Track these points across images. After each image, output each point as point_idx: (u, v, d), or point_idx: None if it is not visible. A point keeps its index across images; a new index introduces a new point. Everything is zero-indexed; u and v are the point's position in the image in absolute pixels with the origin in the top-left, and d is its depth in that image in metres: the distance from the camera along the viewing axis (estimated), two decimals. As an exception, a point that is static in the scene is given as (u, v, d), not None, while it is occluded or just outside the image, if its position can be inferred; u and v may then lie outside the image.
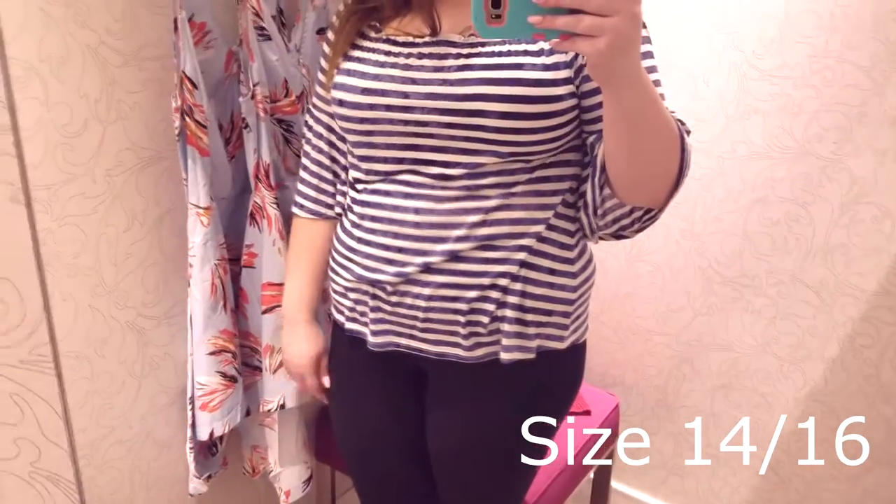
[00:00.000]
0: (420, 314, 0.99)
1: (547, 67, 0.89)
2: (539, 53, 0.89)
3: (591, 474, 1.82)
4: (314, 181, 1.12)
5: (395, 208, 0.97)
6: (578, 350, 1.07)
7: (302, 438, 1.41)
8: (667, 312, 1.77)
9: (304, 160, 1.14)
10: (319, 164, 1.11)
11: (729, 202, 1.60)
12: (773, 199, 1.56)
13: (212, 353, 1.24)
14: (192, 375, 1.24)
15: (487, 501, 1.12)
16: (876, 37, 1.38)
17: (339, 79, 0.98)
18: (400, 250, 0.97)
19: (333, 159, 1.10)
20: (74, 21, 1.10)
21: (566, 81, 0.89)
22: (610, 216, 0.95)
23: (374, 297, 1.01)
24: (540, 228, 0.97)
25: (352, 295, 1.05)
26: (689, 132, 0.90)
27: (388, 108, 0.93)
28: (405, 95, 0.92)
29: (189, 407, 1.25)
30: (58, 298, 1.15)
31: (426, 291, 0.97)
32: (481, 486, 1.09)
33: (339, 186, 1.11)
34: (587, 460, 1.65)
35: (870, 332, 1.51)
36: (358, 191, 1.03)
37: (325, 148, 1.10)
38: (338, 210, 1.11)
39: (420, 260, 0.96)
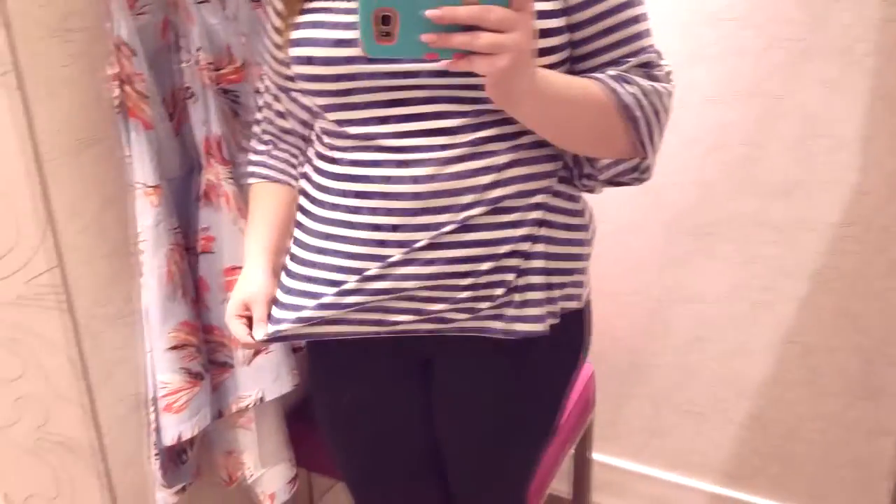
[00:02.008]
0: (422, 293, 0.86)
1: (544, 15, 0.81)
2: None
3: (572, 450, 1.78)
4: (267, 148, 1.03)
5: (387, 179, 0.84)
6: (589, 305, 1.01)
7: (283, 434, 1.30)
8: (632, 271, 1.75)
9: (264, 125, 1.04)
10: (273, 129, 1.02)
11: (684, 152, 1.60)
12: (729, 143, 1.57)
13: (173, 349, 1.12)
14: (152, 374, 1.13)
15: (510, 482, 1.05)
16: (813, -30, 1.40)
17: (300, 33, 0.86)
18: (395, 228, 0.84)
19: (291, 128, 1.01)
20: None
21: (564, 30, 0.83)
22: (599, 169, 0.91)
23: (360, 290, 0.87)
24: (552, 182, 0.89)
25: (326, 290, 0.89)
26: (668, 73, 0.87)
27: (371, 59, 0.82)
28: None
29: (151, 409, 1.13)
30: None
31: (428, 270, 0.85)
32: (505, 468, 1.03)
33: (295, 157, 1.03)
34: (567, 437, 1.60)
35: (836, 265, 1.53)
36: (332, 161, 0.89)
37: (281, 112, 1.00)
38: (298, 181, 1.00)
39: (421, 236, 0.83)
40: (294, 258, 0.93)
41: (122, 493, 1.16)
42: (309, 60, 0.84)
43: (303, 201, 0.94)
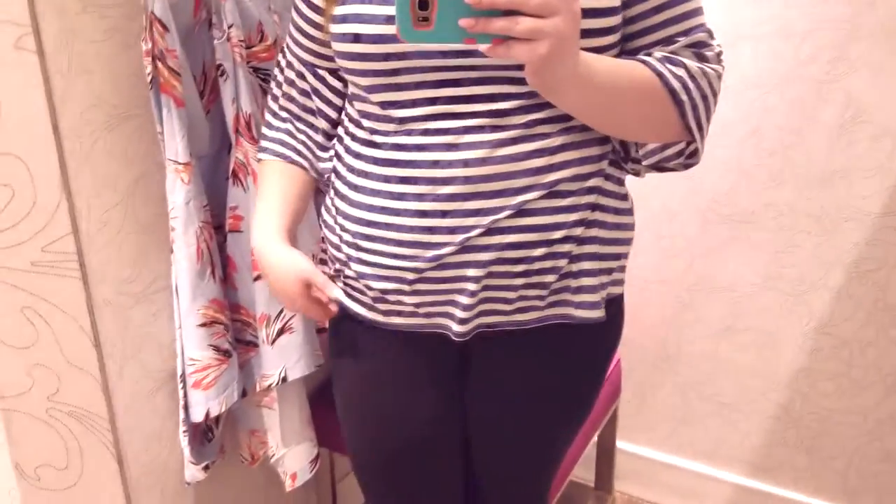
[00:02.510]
0: (472, 286, 0.83)
1: None
2: None
3: (595, 437, 1.76)
4: (286, 126, 0.98)
5: (435, 164, 0.80)
6: (623, 293, 0.99)
7: (305, 415, 1.30)
8: (665, 259, 1.72)
9: (285, 102, 0.99)
10: (304, 107, 0.97)
11: (722, 136, 1.56)
12: (768, 128, 1.52)
13: (203, 325, 1.13)
14: (181, 351, 1.13)
15: (538, 470, 1.04)
16: (863, -50, 1.35)
17: (347, 9, 0.81)
18: (444, 214, 0.80)
19: (314, 111, 0.97)
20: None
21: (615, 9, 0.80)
22: (645, 154, 0.88)
23: (411, 281, 0.84)
24: (604, 165, 0.86)
25: (377, 285, 0.87)
26: (718, 54, 0.84)
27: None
28: None
29: (181, 386, 1.14)
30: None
31: (484, 257, 0.82)
32: (537, 456, 1.01)
33: (325, 146, 0.98)
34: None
35: (876, 255, 1.49)
36: (372, 146, 0.85)
37: (306, 89, 0.96)
38: (325, 175, 0.96)
39: (472, 221, 0.80)
40: (338, 243, 0.91)
41: (136, 469, 1.16)
42: (356, 38, 0.81)
43: (339, 185, 0.91)
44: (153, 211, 1.15)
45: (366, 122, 0.86)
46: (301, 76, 0.97)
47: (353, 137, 0.89)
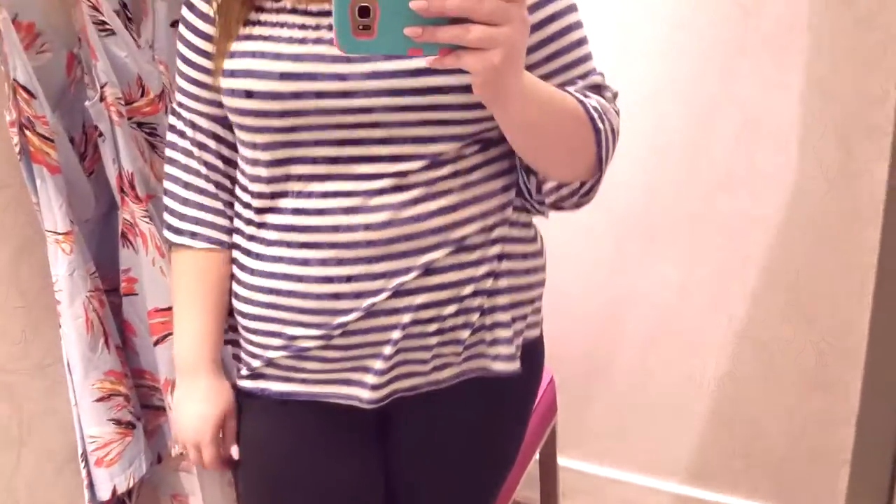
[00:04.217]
0: (387, 349, 0.80)
1: None
2: None
3: (537, 455, 1.75)
4: (207, 202, 0.87)
5: (335, 228, 0.77)
6: (541, 331, 0.96)
7: (227, 477, 1.26)
8: (584, 273, 1.72)
9: (187, 175, 0.88)
10: (211, 180, 0.87)
11: (626, 152, 1.57)
12: (668, 141, 1.55)
13: (100, 400, 1.07)
14: (80, 428, 1.07)
15: None
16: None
17: (237, 63, 0.77)
18: (349, 279, 0.78)
19: (227, 174, 0.88)
20: None
21: None
22: (546, 193, 0.84)
23: (316, 349, 0.81)
24: (508, 213, 0.84)
25: (281, 354, 0.83)
26: (615, 95, 0.83)
27: (320, 94, 0.75)
28: (341, 77, 0.74)
29: (83, 465, 1.08)
30: None
31: (394, 320, 0.79)
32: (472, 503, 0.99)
33: (233, 208, 0.89)
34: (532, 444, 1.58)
35: (782, 258, 1.52)
36: (270, 211, 0.81)
37: (216, 161, 0.87)
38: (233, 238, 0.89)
39: (379, 284, 0.78)
40: (242, 315, 0.86)
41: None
42: (248, 94, 0.76)
43: (239, 256, 0.86)
44: (40, 283, 1.10)
45: (263, 187, 0.82)
46: (203, 145, 0.87)
47: (249, 205, 0.84)
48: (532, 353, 0.92)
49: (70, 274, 1.03)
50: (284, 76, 0.75)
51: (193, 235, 0.87)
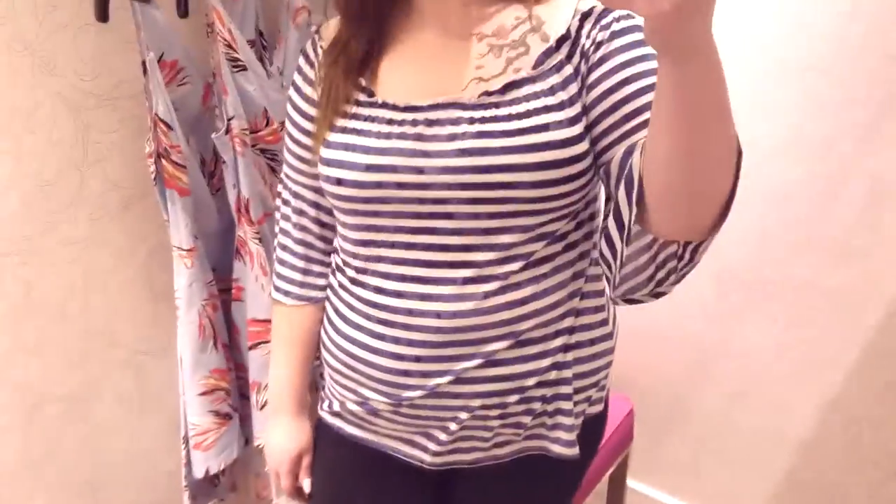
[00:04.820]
0: (451, 426, 0.86)
1: (571, 122, 0.77)
2: (560, 107, 0.78)
3: (608, 473, 1.80)
4: (300, 264, 0.97)
5: (410, 312, 0.82)
6: (606, 404, 0.98)
7: None
8: (681, 316, 1.71)
9: (284, 239, 0.98)
10: (306, 244, 0.96)
11: (744, 203, 1.51)
12: (791, 199, 1.48)
13: (203, 394, 1.23)
14: (184, 415, 1.24)
15: None
16: None
17: (331, 154, 0.84)
18: (418, 359, 0.83)
19: (322, 237, 0.97)
20: (42, 70, 1.07)
21: (586, 130, 0.78)
22: (638, 261, 0.76)
23: (384, 411, 0.88)
24: (575, 303, 0.86)
25: (354, 408, 0.91)
26: None
27: (400, 185, 0.80)
28: (419, 171, 0.79)
29: (183, 446, 1.25)
30: (49, 345, 1.15)
31: (456, 403, 0.84)
32: None
33: (327, 267, 0.98)
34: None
35: (890, 338, 1.44)
36: (357, 284, 0.88)
37: (312, 226, 0.96)
38: (326, 292, 0.97)
39: (444, 368, 0.82)
40: (327, 363, 0.95)
41: None
42: (339, 182, 0.83)
43: (330, 310, 0.93)
44: (166, 280, 1.26)
45: (351, 260, 0.88)
46: (301, 211, 0.96)
47: (342, 271, 0.91)
48: (591, 427, 0.94)
49: (189, 285, 1.17)
50: (370, 168, 0.80)
51: (287, 294, 0.97)
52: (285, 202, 0.97)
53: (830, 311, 1.49)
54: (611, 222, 0.74)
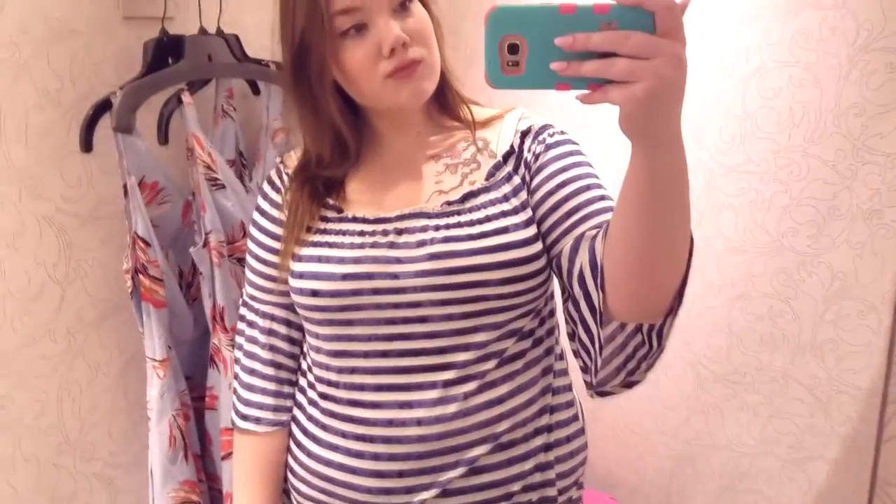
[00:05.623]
0: None
1: (526, 224, 0.84)
2: (515, 211, 0.84)
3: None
4: (272, 386, 0.95)
5: (390, 423, 0.82)
6: (581, 495, 0.99)
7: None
8: (662, 410, 1.70)
9: (250, 363, 0.96)
10: (276, 364, 0.95)
11: (710, 297, 1.55)
12: (755, 294, 1.51)
13: (174, 505, 1.23)
14: (156, 527, 1.24)
15: None
16: (838, 131, 1.35)
17: (306, 267, 0.86)
18: (401, 474, 0.82)
19: (292, 355, 0.96)
20: (29, 195, 1.15)
21: (537, 235, 0.85)
22: (612, 347, 0.80)
23: None
24: (549, 399, 0.88)
25: None
26: None
27: (376, 291, 0.83)
28: (394, 276, 0.82)
29: (155, 558, 1.24)
30: (20, 461, 1.17)
31: None
32: None
33: (295, 389, 0.97)
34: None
35: (869, 432, 1.43)
36: (329, 399, 0.87)
37: (283, 345, 0.96)
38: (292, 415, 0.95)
39: (429, 482, 0.81)
40: (297, 492, 0.91)
41: None
42: (314, 293, 0.84)
43: (297, 434, 0.92)
44: (142, 390, 1.28)
45: (324, 373, 0.88)
46: (271, 331, 0.96)
47: (313, 387, 0.91)
48: None
49: (161, 395, 1.20)
50: (346, 276, 0.83)
51: (258, 421, 0.94)
52: (251, 324, 0.96)
53: (806, 405, 1.49)
54: (585, 311, 0.77)
